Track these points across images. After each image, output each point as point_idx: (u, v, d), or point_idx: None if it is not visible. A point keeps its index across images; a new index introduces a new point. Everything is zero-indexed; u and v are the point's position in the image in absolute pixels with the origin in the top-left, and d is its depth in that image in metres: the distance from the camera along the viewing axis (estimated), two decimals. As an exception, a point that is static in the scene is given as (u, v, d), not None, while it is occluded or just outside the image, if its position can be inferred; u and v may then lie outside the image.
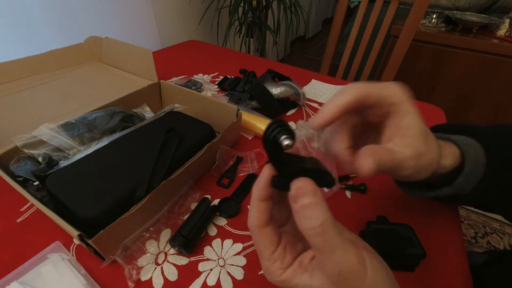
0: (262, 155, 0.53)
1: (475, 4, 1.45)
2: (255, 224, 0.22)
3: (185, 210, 0.41)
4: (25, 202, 0.42)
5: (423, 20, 1.43)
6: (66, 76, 0.65)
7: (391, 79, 1.10)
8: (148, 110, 0.54)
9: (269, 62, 0.93)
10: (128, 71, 0.68)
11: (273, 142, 0.18)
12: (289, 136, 0.18)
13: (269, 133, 0.18)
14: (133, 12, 1.02)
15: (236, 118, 0.50)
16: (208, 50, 1.03)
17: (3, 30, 0.72)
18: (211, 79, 0.80)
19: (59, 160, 0.41)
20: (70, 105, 0.55)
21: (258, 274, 0.35)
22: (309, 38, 3.34)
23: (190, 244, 0.36)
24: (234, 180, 0.47)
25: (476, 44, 1.27)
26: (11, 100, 0.55)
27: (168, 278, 0.34)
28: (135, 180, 0.37)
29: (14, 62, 0.60)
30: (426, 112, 0.69)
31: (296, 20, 1.47)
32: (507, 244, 1.18)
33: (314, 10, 3.11)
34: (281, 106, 0.65)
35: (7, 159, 0.40)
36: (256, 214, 0.22)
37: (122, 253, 0.35)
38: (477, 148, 0.29)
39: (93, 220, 0.32)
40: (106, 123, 0.47)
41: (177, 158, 0.41)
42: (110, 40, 0.69)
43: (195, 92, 0.55)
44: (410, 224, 0.37)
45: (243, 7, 1.39)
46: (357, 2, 1.52)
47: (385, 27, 1.01)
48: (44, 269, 0.33)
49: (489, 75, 1.32)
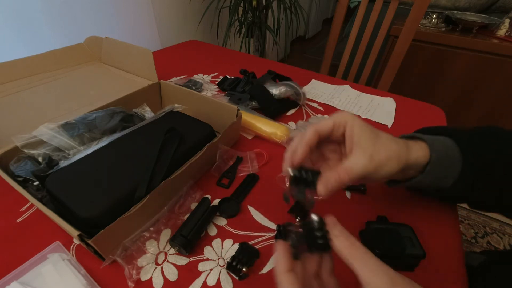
0: (262, 155, 0.53)
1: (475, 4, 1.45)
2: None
3: (185, 210, 0.41)
4: (25, 202, 0.42)
5: (423, 20, 1.43)
6: (66, 76, 0.65)
7: (391, 79, 1.10)
8: (148, 110, 0.54)
9: (269, 62, 0.93)
10: (128, 71, 0.68)
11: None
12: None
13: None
14: (133, 12, 1.02)
15: (236, 118, 0.50)
16: (208, 50, 1.03)
17: (3, 30, 0.72)
18: (211, 79, 0.80)
19: (59, 160, 0.41)
20: (70, 105, 0.55)
21: (258, 274, 0.35)
22: (309, 38, 3.34)
23: (190, 244, 0.36)
24: (234, 180, 0.47)
25: (476, 44, 1.27)
26: (11, 100, 0.55)
27: (168, 278, 0.34)
28: (135, 180, 0.37)
29: (14, 62, 0.60)
30: (426, 112, 0.69)
31: (296, 20, 1.47)
32: (507, 244, 1.18)
33: (314, 10, 3.11)
34: (281, 106, 0.65)
35: (7, 159, 0.40)
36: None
37: (122, 253, 0.35)
38: (448, 143, 0.34)
39: (93, 220, 0.32)
40: (106, 123, 0.47)
41: (177, 158, 0.41)
42: (110, 40, 0.69)
43: (195, 92, 0.55)
44: (410, 224, 0.37)
45: (243, 7, 1.39)
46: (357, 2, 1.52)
47: (385, 27, 1.01)
48: (44, 269, 0.33)
49: (489, 75, 1.32)
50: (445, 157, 0.32)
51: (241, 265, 0.33)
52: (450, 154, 0.33)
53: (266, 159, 0.52)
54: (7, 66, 0.59)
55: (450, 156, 0.33)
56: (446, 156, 0.32)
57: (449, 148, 0.33)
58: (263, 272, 0.35)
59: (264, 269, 0.35)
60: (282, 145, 0.55)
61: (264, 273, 0.35)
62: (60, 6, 0.80)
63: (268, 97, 0.64)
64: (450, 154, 0.33)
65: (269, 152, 0.53)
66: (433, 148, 0.32)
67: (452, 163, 0.33)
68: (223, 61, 0.93)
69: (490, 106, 1.40)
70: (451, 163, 0.33)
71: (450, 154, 0.33)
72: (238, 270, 0.33)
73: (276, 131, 0.55)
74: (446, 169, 0.33)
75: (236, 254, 0.35)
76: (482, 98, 1.40)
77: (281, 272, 0.23)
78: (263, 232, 0.39)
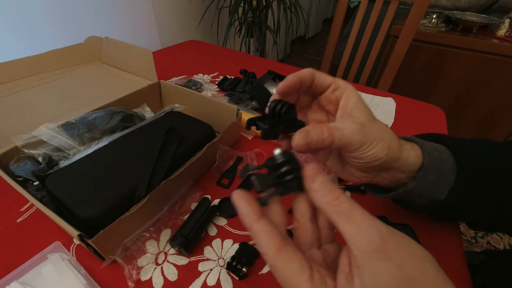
0: (262, 155, 0.53)
1: (475, 4, 1.45)
2: (271, 249, 0.18)
3: (185, 210, 0.41)
4: (25, 202, 0.42)
5: (423, 20, 1.43)
6: (66, 76, 0.65)
7: (391, 79, 1.10)
8: (148, 110, 0.54)
9: (269, 62, 0.93)
10: (128, 71, 0.68)
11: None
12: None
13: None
14: (133, 12, 1.01)
15: (236, 118, 0.50)
16: (208, 50, 1.03)
17: (3, 30, 0.72)
18: (211, 79, 0.80)
19: (59, 160, 0.41)
20: (70, 105, 0.55)
21: (258, 274, 0.35)
22: (309, 38, 3.34)
23: (190, 244, 0.36)
24: (234, 180, 0.47)
25: (476, 44, 1.27)
26: (11, 100, 0.55)
27: (168, 278, 0.34)
28: (135, 180, 0.37)
29: (14, 62, 0.60)
30: (426, 112, 0.69)
31: (296, 20, 1.47)
32: (507, 244, 1.18)
33: (314, 10, 3.11)
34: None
35: (7, 159, 0.40)
36: (265, 238, 0.18)
37: (122, 253, 0.35)
38: (440, 148, 0.31)
39: (93, 220, 0.32)
40: (106, 123, 0.47)
41: (177, 158, 0.41)
42: (110, 40, 0.69)
43: (195, 92, 0.55)
44: (410, 224, 0.37)
45: (243, 7, 1.39)
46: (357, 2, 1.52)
47: (385, 27, 1.01)
48: (44, 269, 0.33)
49: (489, 75, 1.32)
50: (438, 160, 0.30)
51: (241, 265, 0.33)
52: (444, 158, 0.30)
53: (264, 161, 0.52)
54: (7, 66, 0.59)
55: (444, 160, 0.30)
56: (439, 159, 0.30)
57: (442, 152, 0.30)
58: (263, 272, 0.35)
59: (264, 269, 0.35)
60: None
61: (264, 273, 0.35)
62: (60, 6, 0.80)
63: (268, 97, 0.64)
64: (444, 158, 0.30)
65: (269, 152, 0.53)
66: (425, 149, 0.29)
67: (446, 170, 0.30)
68: (223, 61, 0.93)
69: (490, 106, 1.40)
70: (445, 168, 0.30)
71: (443, 158, 0.30)
72: (238, 270, 0.33)
73: (276, 131, 0.54)
74: (440, 174, 0.30)
75: (236, 254, 0.35)
76: (482, 98, 1.40)
77: (252, 223, 0.19)
78: (263, 232, 0.39)
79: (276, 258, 0.18)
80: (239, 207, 0.19)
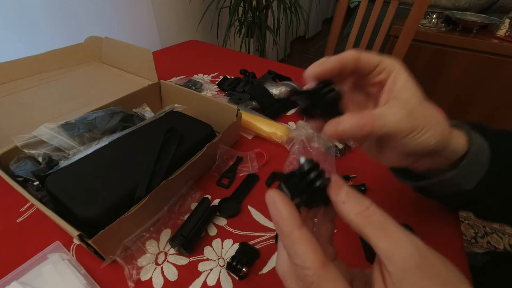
0: (262, 155, 0.53)
1: (475, 4, 1.45)
2: (316, 263, 0.16)
3: (185, 210, 0.41)
4: (25, 202, 0.42)
5: (423, 20, 1.43)
6: (66, 76, 0.65)
7: (391, 79, 1.10)
8: (148, 110, 0.54)
9: (269, 62, 0.93)
10: (128, 71, 0.68)
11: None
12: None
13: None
14: (133, 12, 1.02)
15: (236, 118, 0.50)
16: (208, 50, 1.03)
17: (3, 30, 0.72)
18: (211, 79, 0.80)
19: (59, 160, 0.41)
20: (70, 105, 0.55)
21: (258, 274, 0.35)
22: (309, 38, 3.34)
23: (190, 244, 0.36)
24: (234, 180, 0.47)
25: (476, 44, 1.27)
26: (11, 100, 0.55)
27: (168, 278, 0.34)
28: (135, 180, 0.37)
29: (14, 62, 0.60)
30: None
31: (296, 20, 1.47)
32: (507, 244, 1.18)
33: (314, 10, 3.11)
34: (281, 106, 0.65)
35: (7, 159, 0.40)
36: (308, 249, 0.16)
37: (122, 253, 0.35)
38: (481, 141, 0.29)
39: (93, 220, 0.32)
40: (106, 123, 0.47)
41: (177, 158, 0.41)
42: (110, 40, 0.69)
43: (195, 92, 0.55)
44: (410, 224, 0.37)
45: (243, 7, 1.39)
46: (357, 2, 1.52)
47: (385, 27, 1.01)
48: (44, 269, 0.33)
49: (489, 75, 1.32)
50: (479, 151, 0.28)
51: (241, 265, 0.33)
52: (482, 148, 0.28)
53: (266, 159, 0.52)
54: (7, 66, 0.59)
55: (482, 149, 0.28)
56: (480, 151, 0.28)
57: (483, 144, 0.28)
58: (263, 272, 0.35)
59: (264, 269, 0.35)
60: (282, 145, 0.55)
61: (264, 273, 0.35)
62: (60, 6, 0.80)
63: (268, 97, 0.64)
64: (482, 148, 0.28)
65: (269, 152, 0.53)
66: (471, 139, 0.27)
67: (482, 160, 0.28)
68: (223, 61, 0.93)
69: (490, 106, 1.40)
70: (482, 158, 0.28)
71: (483, 150, 0.28)
72: (238, 270, 0.33)
73: (276, 131, 0.55)
74: (478, 164, 0.28)
75: (236, 254, 0.35)
76: (482, 98, 1.40)
77: (294, 230, 0.17)
78: (263, 232, 0.39)
79: (320, 275, 0.16)
80: (277, 210, 0.17)
